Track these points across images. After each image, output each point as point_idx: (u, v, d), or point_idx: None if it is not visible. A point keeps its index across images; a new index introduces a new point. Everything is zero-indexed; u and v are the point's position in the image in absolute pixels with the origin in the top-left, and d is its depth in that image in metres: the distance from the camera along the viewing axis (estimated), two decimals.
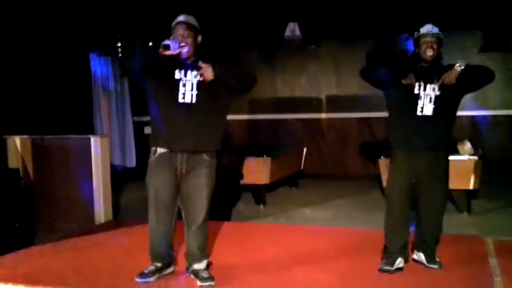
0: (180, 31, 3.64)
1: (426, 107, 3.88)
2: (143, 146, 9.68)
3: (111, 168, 6.18)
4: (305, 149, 8.60)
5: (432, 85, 3.89)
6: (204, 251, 3.93)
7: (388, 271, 3.92)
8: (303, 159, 8.52)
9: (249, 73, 3.93)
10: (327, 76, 9.23)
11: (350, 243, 4.89)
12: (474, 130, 8.49)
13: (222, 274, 4.03)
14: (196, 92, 3.65)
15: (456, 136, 7.05)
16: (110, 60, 9.27)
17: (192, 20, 3.72)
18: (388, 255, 4.03)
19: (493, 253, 4.50)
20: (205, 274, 3.82)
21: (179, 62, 3.67)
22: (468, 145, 6.15)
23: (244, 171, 6.75)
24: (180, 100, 3.65)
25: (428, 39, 3.89)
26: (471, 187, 5.97)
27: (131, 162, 9.62)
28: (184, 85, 3.65)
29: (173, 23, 3.71)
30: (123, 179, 8.50)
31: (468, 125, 8.54)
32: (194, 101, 3.65)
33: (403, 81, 3.84)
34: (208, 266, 3.96)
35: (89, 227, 5.69)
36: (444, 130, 3.97)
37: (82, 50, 8.64)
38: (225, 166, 6.27)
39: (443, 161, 4.02)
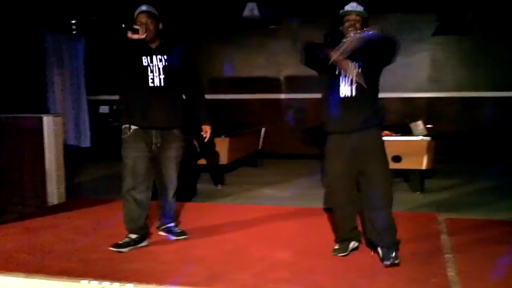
0: (143, 19, 4.04)
1: (347, 87, 3.72)
2: (98, 125, 9.52)
3: (65, 147, 6.05)
4: (263, 129, 8.61)
5: (355, 63, 3.71)
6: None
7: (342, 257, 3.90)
8: (261, 139, 8.53)
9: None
10: (287, 56, 9.21)
11: (308, 222, 4.94)
12: (429, 111, 8.65)
13: (181, 254, 4.05)
14: (163, 76, 4.11)
15: (411, 117, 7.22)
16: (64, 37, 9.01)
17: (152, 9, 4.13)
18: (341, 241, 3.99)
19: (445, 230, 4.62)
20: (178, 230, 4.46)
21: (145, 49, 4.08)
22: (421, 126, 6.26)
23: (203, 151, 6.70)
24: (150, 84, 4.09)
25: (351, 17, 3.71)
26: (424, 166, 6.09)
27: (86, 141, 9.45)
28: (152, 71, 4.09)
29: (136, 12, 4.10)
30: (78, 159, 8.34)
31: (423, 106, 8.71)
32: (162, 84, 4.11)
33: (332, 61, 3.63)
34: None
35: (42, 208, 5.57)
36: (370, 107, 3.77)
37: (36, 26, 8.37)
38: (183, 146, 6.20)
39: (377, 137, 3.85)
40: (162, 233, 4.47)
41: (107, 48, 4.14)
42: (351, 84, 3.72)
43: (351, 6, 3.77)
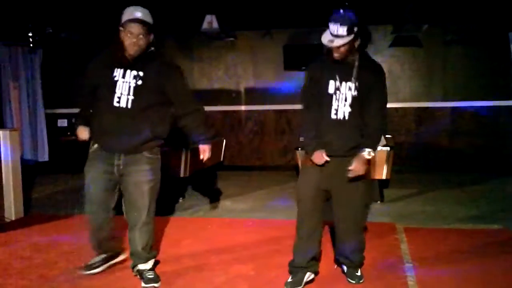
0: (136, 30, 3.34)
1: (341, 108, 3.44)
2: (56, 140, 9.33)
3: (22, 162, 5.91)
4: (224, 141, 8.62)
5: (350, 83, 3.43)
6: (150, 251, 3.73)
7: None
8: (223, 151, 8.53)
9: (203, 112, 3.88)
10: (245, 68, 9.25)
11: (267, 234, 4.95)
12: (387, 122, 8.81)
13: None
14: (132, 98, 3.40)
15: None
16: (20, 50, 8.83)
17: (147, 16, 3.41)
18: (296, 270, 3.65)
19: (405, 240, 4.70)
20: (149, 275, 3.66)
21: (120, 59, 3.41)
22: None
23: (163, 163, 6.62)
24: (115, 103, 3.40)
25: (338, 49, 3.35)
26: (384, 176, 6.17)
27: (43, 156, 9.25)
28: (120, 88, 3.39)
29: (125, 18, 3.36)
30: (35, 174, 8.16)
31: None
32: (129, 106, 3.40)
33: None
34: (154, 265, 3.81)
35: None
36: (360, 132, 3.48)
37: None
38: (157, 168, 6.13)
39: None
40: (137, 275, 3.75)
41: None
42: (345, 105, 3.43)
43: (333, 30, 3.27)
